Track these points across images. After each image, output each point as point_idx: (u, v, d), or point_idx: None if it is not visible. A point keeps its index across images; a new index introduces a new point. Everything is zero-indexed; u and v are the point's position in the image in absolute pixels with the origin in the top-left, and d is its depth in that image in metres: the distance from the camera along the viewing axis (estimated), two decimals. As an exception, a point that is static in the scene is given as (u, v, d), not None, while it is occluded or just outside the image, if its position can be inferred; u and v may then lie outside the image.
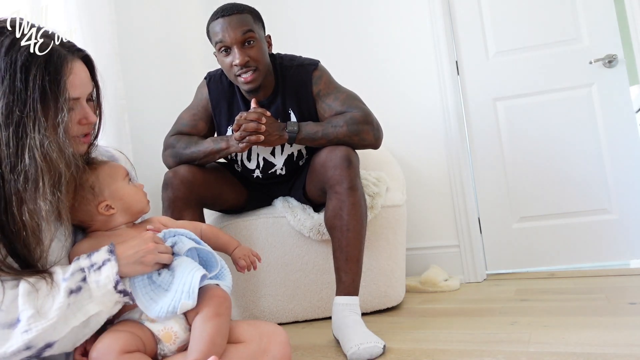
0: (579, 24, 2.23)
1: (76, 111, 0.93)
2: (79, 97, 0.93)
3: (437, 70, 2.32)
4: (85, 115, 0.94)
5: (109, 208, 0.98)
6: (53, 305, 0.80)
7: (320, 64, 1.63)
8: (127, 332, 0.87)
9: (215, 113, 1.66)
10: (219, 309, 0.90)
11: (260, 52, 1.51)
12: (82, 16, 1.66)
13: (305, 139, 1.49)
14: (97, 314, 0.84)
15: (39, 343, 0.78)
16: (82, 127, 0.95)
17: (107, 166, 1.02)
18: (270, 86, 1.60)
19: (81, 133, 0.95)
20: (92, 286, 0.83)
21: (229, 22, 1.47)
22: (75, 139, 0.94)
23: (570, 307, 1.58)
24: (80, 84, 0.92)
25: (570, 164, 2.23)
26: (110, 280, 0.83)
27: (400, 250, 1.84)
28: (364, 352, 1.23)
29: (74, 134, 0.93)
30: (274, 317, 1.74)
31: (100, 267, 0.84)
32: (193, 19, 2.47)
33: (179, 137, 1.63)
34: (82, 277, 0.83)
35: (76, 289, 0.82)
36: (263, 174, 1.66)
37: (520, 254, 2.29)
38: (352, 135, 1.48)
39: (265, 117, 1.46)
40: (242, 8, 1.50)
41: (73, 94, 0.90)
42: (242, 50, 1.48)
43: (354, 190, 1.43)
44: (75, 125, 0.93)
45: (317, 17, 2.55)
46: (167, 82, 2.26)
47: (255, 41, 1.49)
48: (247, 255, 1.14)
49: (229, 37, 1.47)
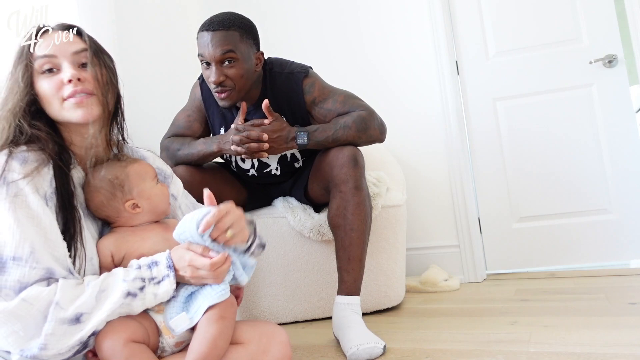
0: (579, 24, 2.23)
1: (57, 73, 0.95)
2: (54, 55, 0.94)
3: (437, 70, 2.32)
4: (66, 72, 0.94)
5: (136, 207, 0.99)
6: (107, 300, 0.85)
7: (310, 70, 1.59)
8: (136, 322, 0.88)
9: (209, 113, 1.66)
10: (224, 312, 0.91)
11: (240, 72, 1.45)
12: (82, 16, 1.67)
13: (315, 146, 1.49)
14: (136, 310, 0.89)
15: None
16: (68, 86, 0.94)
17: (138, 165, 1.03)
18: (256, 95, 1.57)
19: (65, 95, 0.94)
20: (149, 297, 0.88)
21: (212, 38, 1.43)
22: (65, 103, 0.94)
23: (570, 307, 1.58)
24: (52, 43, 0.94)
25: (570, 164, 2.23)
26: (168, 294, 0.89)
27: (400, 250, 1.84)
28: (364, 353, 1.23)
29: (59, 98, 0.94)
30: (274, 317, 1.74)
31: (160, 282, 0.89)
32: (193, 19, 2.46)
33: (173, 139, 1.63)
34: (142, 286, 0.87)
35: (133, 294, 0.86)
36: (258, 172, 1.67)
37: (520, 254, 2.29)
38: (361, 134, 1.48)
39: (269, 134, 1.43)
40: (230, 24, 1.44)
41: (44, 52, 0.93)
42: (220, 68, 1.44)
43: (359, 190, 1.43)
44: (61, 86, 0.94)
45: (317, 17, 2.55)
46: (166, 82, 2.26)
47: (236, 61, 1.44)
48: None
49: (208, 54, 1.43)
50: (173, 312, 0.90)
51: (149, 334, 0.89)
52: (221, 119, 1.64)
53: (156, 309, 0.92)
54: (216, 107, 1.63)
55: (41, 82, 0.94)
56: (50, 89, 0.94)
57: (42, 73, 0.94)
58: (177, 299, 0.92)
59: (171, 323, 0.89)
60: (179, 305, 0.91)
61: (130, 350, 0.83)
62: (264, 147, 1.42)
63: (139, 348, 0.85)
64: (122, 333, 0.84)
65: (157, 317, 0.92)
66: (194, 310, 0.90)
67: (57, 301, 0.80)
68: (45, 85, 0.94)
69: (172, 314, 0.90)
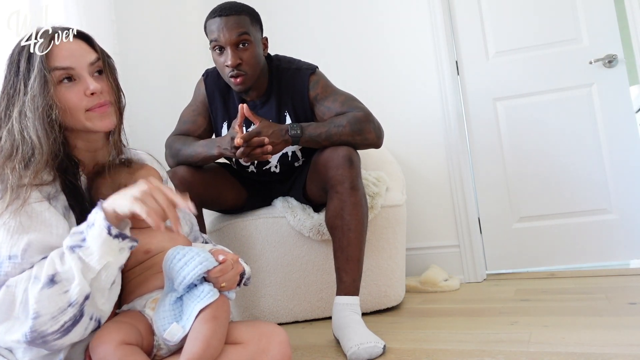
0: (579, 24, 2.23)
1: (77, 83, 0.95)
2: (72, 67, 0.95)
3: (437, 70, 2.32)
4: (86, 85, 0.95)
5: None
6: (66, 258, 0.84)
7: (318, 69, 1.63)
8: (129, 324, 0.88)
9: (212, 109, 1.67)
10: (216, 311, 0.91)
11: (253, 55, 1.50)
12: (82, 16, 1.67)
13: (309, 141, 1.49)
14: (105, 267, 0.86)
15: (80, 298, 0.84)
16: (91, 98, 0.96)
17: (145, 171, 1.04)
18: (263, 87, 1.61)
19: (92, 104, 0.97)
20: (91, 242, 0.85)
21: (226, 22, 1.47)
22: (89, 114, 0.97)
23: (570, 307, 1.58)
24: (69, 54, 0.94)
25: (570, 164, 2.23)
26: (102, 228, 0.84)
27: (400, 250, 1.84)
28: (364, 352, 1.23)
29: (84, 107, 0.96)
30: (274, 317, 1.74)
31: (93, 222, 0.86)
32: (193, 19, 2.46)
33: (176, 137, 1.64)
34: (82, 237, 0.86)
35: (76, 245, 0.85)
36: (257, 169, 1.67)
37: (520, 254, 2.29)
38: (355, 135, 1.48)
39: (264, 133, 1.42)
40: (240, 9, 1.50)
41: (62, 64, 0.93)
42: (236, 52, 1.48)
43: (356, 190, 1.43)
44: (83, 97, 0.96)
45: (317, 17, 2.55)
46: (167, 82, 2.26)
47: (250, 44, 1.49)
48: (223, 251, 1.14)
49: (223, 37, 1.47)
50: (165, 323, 0.89)
51: (142, 336, 0.89)
52: (224, 114, 1.65)
53: (151, 307, 0.92)
54: (219, 102, 1.65)
55: (62, 92, 0.95)
56: (74, 100, 0.95)
57: (60, 82, 0.95)
58: (164, 307, 0.91)
59: (166, 335, 0.89)
60: (168, 314, 0.90)
61: (122, 353, 0.83)
62: (267, 149, 1.42)
63: (131, 350, 0.85)
64: (114, 335, 0.85)
65: (151, 314, 0.92)
66: (186, 318, 0.90)
67: (34, 275, 0.83)
68: (68, 96, 0.95)
69: (165, 325, 0.89)
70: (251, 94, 1.60)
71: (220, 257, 0.94)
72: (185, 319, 0.90)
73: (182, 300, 0.92)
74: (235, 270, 0.98)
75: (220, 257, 0.95)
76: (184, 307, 0.91)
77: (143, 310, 0.93)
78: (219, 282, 0.94)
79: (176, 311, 0.91)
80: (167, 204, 0.85)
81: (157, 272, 0.97)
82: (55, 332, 0.82)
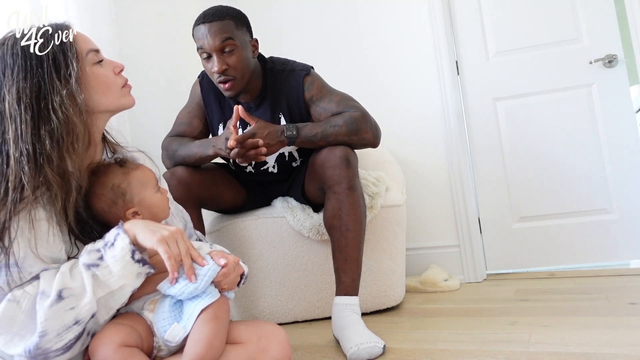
0: (579, 24, 2.23)
1: (106, 63, 1.01)
2: (97, 50, 1.00)
3: (437, 70, 2.32)
4: (114, 63, 1.02)
5: (136, 215, 0.99)
6: (79, 274, 0.84)
7: (312, 70, 1.62)
8: (128, 326, 0.88)
9: (208, 110, 1.67)
10: (217, 311, 0.91)
11: (240, 59, 1.49)
12: (82, 16, 1.67)
13: (305, 141, 1.48)
14: (120, 289, 0.86)
15: (86, 317, 0.84)
16: (120, 76, 1.03)
17: (140, 171, 1.02)
18: (257, 90, 1.60)
19: (123, 82, 1.03)
20: (110, 262, 0.85)
21: (209, 28, 1.46)
22: (123, 90, 1.03)
23: (570, 307, 1.58)
24: (88, 39, 1.00)
25: (570, 164, 2.23)
26: (127, 251, 0.85)
27: (400, 250, 1.84)
28: (364, 352, 1.23)
29: (119, 85, 1.02)
30: (274, 317, 1.74)
31: (113, 243, 0.87)
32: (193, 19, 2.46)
33: (172, 139, 1.64)
34: (99, 256, 0.86)
35: (93, 264, 0.85)
36: (255, 169, 1.67)
37: (520, 254, 2.29)
38: (352, 135, 1.48)
39: (259, 134, 1.41)
40: (224, 14, 1.48)
41: (91, 46, 0.99)
42: (221, 57, 1.47)
43: (353, 191, 1.43)
44: (116, 76, 1.02)
45: (317, 17, 2.55)
46: (167, 82, 2.26)
47: (235, 48, 1.48)
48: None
49: (208, 44, 1.46)
50: (166, 324, 0.89)
51: (142, 338, 0.89)
52: (220, 115, 1.65)
53: (150, 309, 0.92)
54: (215, 103, 1.65)
55: (97, 71, 0.99)
56: (109, 77, 1.00)
57: (94, 64, 0.99)
58: (164, 308, 0.91)
59: (167, 336, 0.89)
60: (169, 315, 0.90)
61: (123, 355, 0.83)
62: (262, 151, 1.41)
63: (132, 352, 0.85)
64: (114, 337, 0.85)
65: (149, 316, 0.92)
66: (187, 318, 0.89)
67: (42, 290, 0.82)
68: (103, 73, 1.00)
69: (165, 325, 0.89)
70: (245, 97, 1.59)
71: (222, 261, 0.95)
72: (186, 319, 0.90)
73: (182, 300, 0.92)
74: (237, 272, 0.99)
75: (221, 260, 0.95)
76: (184, 308, 0.91)
77: (141, 312, 0.93)
78: (221, 285, 0.94)
79: (176, 312, 0.91)
80: (186, 255, 0.89)
81: (154, 274, 0.97)
82: (58, 349, 0.82)
